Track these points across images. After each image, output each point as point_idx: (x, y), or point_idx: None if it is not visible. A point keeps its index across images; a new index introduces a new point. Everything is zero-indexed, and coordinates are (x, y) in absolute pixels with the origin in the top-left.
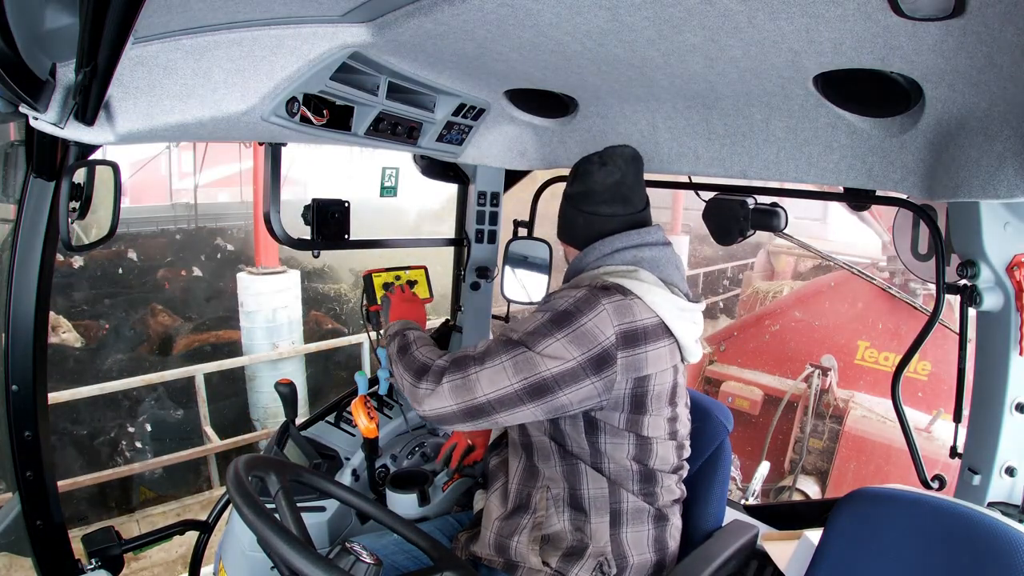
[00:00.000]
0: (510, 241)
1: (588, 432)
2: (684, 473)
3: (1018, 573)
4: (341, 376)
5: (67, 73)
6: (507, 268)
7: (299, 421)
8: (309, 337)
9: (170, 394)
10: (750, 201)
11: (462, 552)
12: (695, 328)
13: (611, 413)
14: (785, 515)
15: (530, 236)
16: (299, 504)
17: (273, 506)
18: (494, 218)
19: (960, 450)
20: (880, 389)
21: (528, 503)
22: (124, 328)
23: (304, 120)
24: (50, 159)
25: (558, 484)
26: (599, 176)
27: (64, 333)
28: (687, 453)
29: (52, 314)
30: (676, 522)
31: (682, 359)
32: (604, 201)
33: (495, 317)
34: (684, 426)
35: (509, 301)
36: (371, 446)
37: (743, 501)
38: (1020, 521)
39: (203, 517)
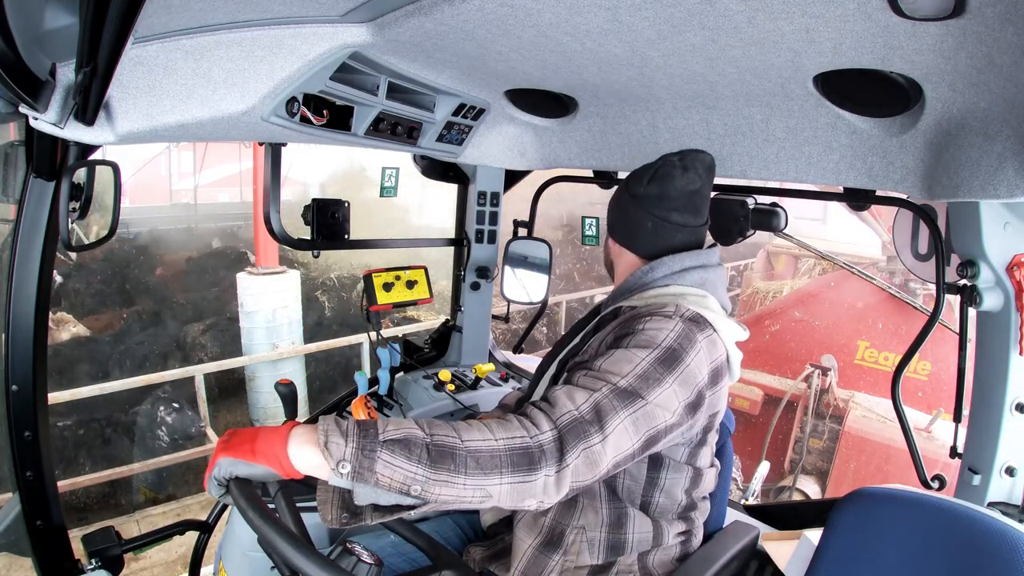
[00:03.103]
0: (510, 241)
1: (651, 468)
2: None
3: (1018, 573)
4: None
5: (67, 73)
6: (507, 268)
7: (299, 421)
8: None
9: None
10: (750, 201)
11: (476, 566)
12: (740, 356)
13: (677, 448)
14: (785, 515)
15: (530, 236)
16: (298, 504)
17: (273, 506)
18: (494, 218)
19: (960, 450)
20: (880, 389)
21: (560, 541)
22: None
23: (304, 120)
24: (50, 159)
25: (596, 528)
26: (681, 181)
27: (73, 328)
28: (718, 468)
29: (61, 312)
30: (700, 536)
31: None
32: (677, 208)
33: (495, 317)
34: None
35: (509, 301)
36: None
37: (743, 501)
38: (1020, 521)
39: (203, 517)
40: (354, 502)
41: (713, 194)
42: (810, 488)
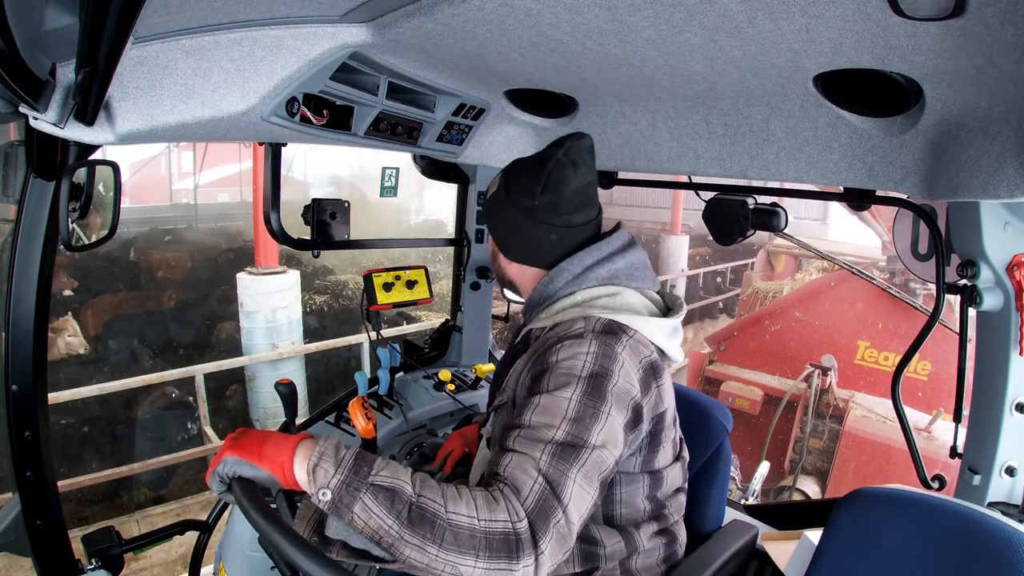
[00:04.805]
0: None
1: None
2: (686, 485)
3: (1018, 573)
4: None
5: (67, 73)
6: None
7: (299, 421)
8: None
9: None
10: (750, 201)
11: None
12: (679, 336)
13: (628, 460)
14: (785, 515)
15: None
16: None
17: (275, 506)
18: None
19: (960, 450)
20: (880, 389)
21: None
22: None
23: (304, 120)
24: (50, 159)
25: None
26: (576, 181)
27: (70, 337)
28: (687, 460)
29: (64, 317)
30: (683, 533)
31: None
32: (576, 208)
33: (495, 317)
34: (679, 433)
35: (509, 301)
36: (369, 446)
37: (743, 501)
38: (1020, 521)
39: (203, 517)
40: (325, 532)
41: (713, 194)
42: (810, 488)
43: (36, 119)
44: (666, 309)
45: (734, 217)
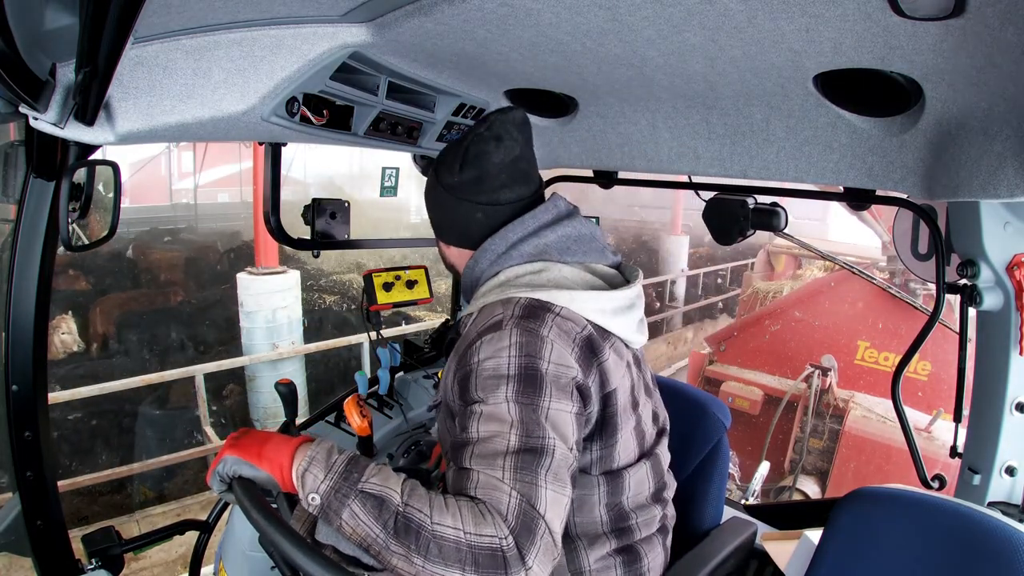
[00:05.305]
0: None
1: None
2: (669, 494)
3: (1018, 573)
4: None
5: (67, 73)
6: None
7: (299, 421)
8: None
9: None
10: (750, 201)
11: None
12: (633, 314)
13: (583, 456)
14: (785, 515)
15: None
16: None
17: (276, 506)
18: None
19: (960, 450)
20: (880, 389)
21: None
22: None
23: (304, 120)
24: (50, 159)
25: None
26: (497, 156)
27: (63, 335)
28: (666, 461)
29: (61, 315)
30: (655, 555)
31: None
32: (504, 185)
33: None
34: (651, 426)
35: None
36: (365, 444)
37: (743, 501)
38: (1020, 521)
39: (203, 517)
40: (316, 536)
41: (713, 194)
42: (810, 488)
43: (36, 119)
44: (625, 283)
45: (734, 217)
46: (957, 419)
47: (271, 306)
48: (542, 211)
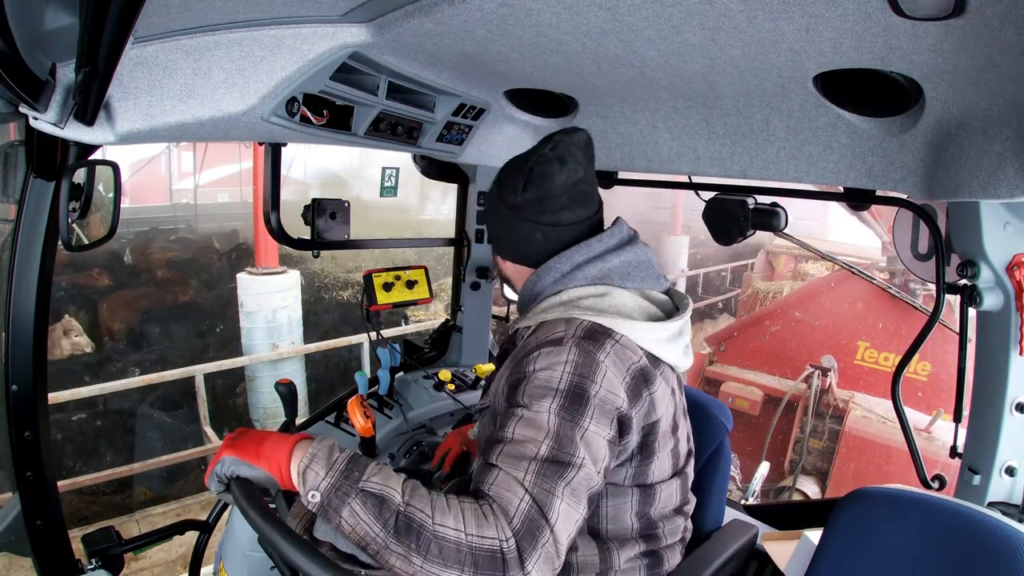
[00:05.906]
0: None
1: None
2: (690, 509)
3: (1018, 573)
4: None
5: (67, 73)
6: None
7: (299, 421)
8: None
9: None
10: (750, 201)
11: None
12: (682, 340)
13: (617, 471)
14: (785, 515)
15: None
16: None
17: (274, 506)
18: None
19: (960, 450)
20: (880, 389)
21: None
22: None
23: (304, 120)
24: (50, 159)
25: None
26: (561, 177)
27: (76, 336)
28: (691, 478)
29: (66, 317)
30: (674, 561)
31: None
32: (565, 206)
33: (495, 317)
34: (685, 446)
35: (509, 302)
36: (368, 445)
37: (743, 501)
38: (1020, 521)
39: (203, 517)
40: (314, 533)
41: (713, 194)
42: (810, 488)
43: (36, 119)
44: (674, 310)
45: (734, 217)
46: (957, 419)
47: (271, 306)
48: (608, 235)
